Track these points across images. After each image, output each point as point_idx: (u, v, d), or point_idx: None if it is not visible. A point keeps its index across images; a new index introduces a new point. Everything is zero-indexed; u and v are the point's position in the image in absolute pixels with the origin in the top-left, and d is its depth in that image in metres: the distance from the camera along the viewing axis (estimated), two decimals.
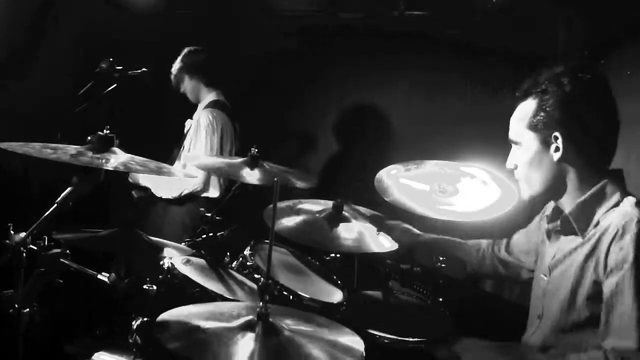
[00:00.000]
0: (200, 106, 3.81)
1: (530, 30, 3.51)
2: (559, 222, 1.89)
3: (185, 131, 3.86)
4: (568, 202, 1.85)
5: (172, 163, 3.73)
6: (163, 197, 3.67)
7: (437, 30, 3.82)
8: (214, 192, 3.67)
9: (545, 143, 1.81)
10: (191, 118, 3.83)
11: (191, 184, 3.60)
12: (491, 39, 3.61)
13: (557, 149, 1.79)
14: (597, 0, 3.21)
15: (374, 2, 3.96)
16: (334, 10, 4.07)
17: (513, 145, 1.93)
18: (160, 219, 3.71)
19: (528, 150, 1.85)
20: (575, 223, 1.81)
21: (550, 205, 2.00)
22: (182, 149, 3.79)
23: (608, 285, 1.66)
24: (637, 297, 1.60)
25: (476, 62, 3.66)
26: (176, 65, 3.82)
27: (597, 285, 1.71)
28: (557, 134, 1.78)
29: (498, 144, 2.05)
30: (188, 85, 3.83)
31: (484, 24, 3.63)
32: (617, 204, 1.76)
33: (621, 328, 1.61)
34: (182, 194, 3.62)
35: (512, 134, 1.91)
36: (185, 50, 3.82)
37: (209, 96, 3.81)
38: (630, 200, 1.76)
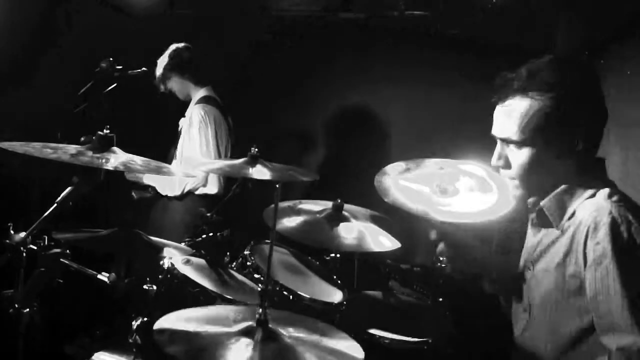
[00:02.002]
0: (192, 103, 3.78)
1: (530, 30, 3.51)
2: (534, 214, 1.88)
3: (179, 130, 3.84)
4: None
5: (169, 162, 3.73)
6: (169, 194, 3.66)
7: (437, 30, 3.82)
8: (212, 189, 3.66)
9: (556, 141, 1.75)
10: (184, 116, 3.80)
11: (192, 180, 3.60)
12: (491, 39, 3.61)
13: (570, 146, 1.75)
14: (597, 0, 3.21)
15: (374, 2, 3.96)
16: (334, 10, 4.07)
17: (503, 143, 1.84)
18: (160, 218, 3.71)
19: (532, 150, 1.78)
20: (550, 216, 1.80)
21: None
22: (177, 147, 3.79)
23: (590, 281, 1.64)
24: (624, 289, 1.58)
25: (476, 61, 3.66)
26: (162, 64, 3.74)
27: (577, 279, 1.69)
28: (572, 130, 1.73)
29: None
30: (176, 84, 3.78)
31: (484, 23, 3.63)
32: (592, 196, 1.74)
33: (615, 323, 1.59)
34: (185, 191, 3.62)
35: (509, 133, 1.79)
36: (172, 47, 3.75)
37: (199, 92, 3.78)
38: (603, 193, 1.72)
